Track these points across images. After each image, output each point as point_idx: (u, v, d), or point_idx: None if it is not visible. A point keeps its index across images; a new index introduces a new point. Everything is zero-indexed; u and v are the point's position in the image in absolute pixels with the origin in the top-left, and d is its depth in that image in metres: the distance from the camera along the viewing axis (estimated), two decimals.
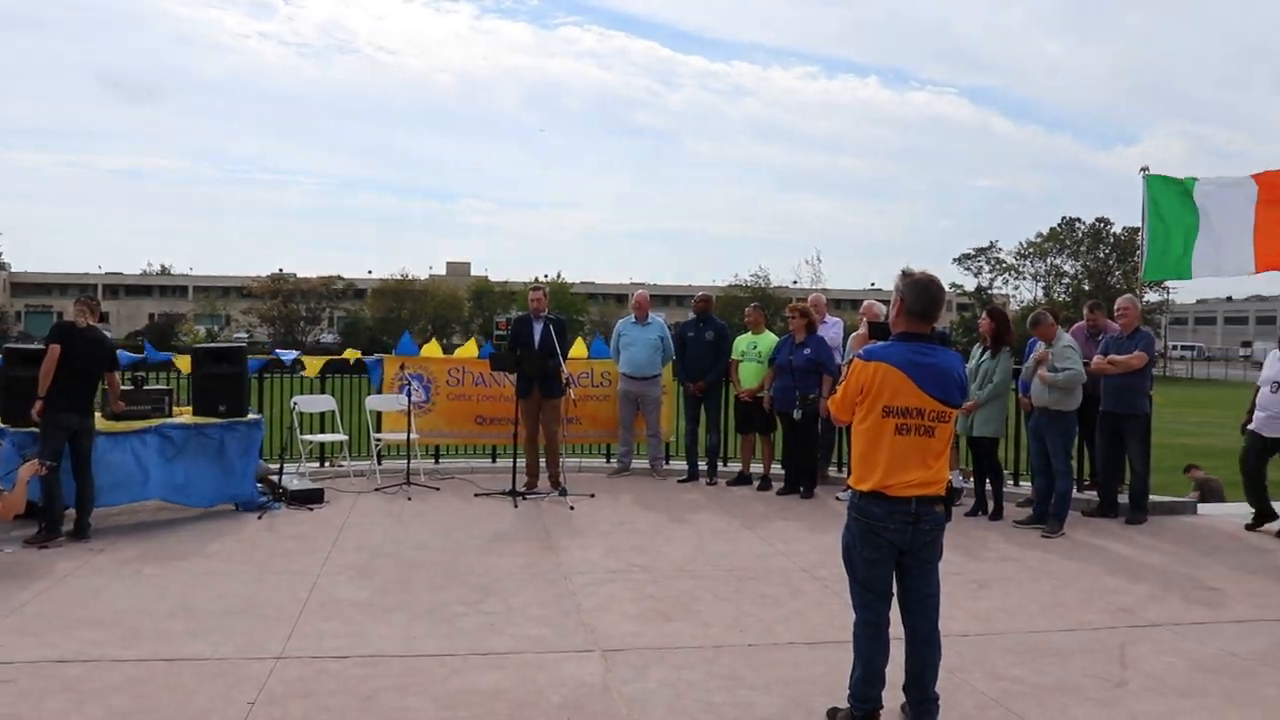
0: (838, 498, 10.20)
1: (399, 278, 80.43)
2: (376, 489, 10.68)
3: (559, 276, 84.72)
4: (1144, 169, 10.94)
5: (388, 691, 4.99)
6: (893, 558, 4.54)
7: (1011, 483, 10.81)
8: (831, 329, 11.51)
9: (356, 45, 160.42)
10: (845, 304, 70.93)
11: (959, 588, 6.97)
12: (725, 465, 12.14)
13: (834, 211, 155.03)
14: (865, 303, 10.20)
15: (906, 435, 4.44)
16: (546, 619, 6.27)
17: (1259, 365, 10.04)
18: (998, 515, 9.73)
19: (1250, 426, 9.59)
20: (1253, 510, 9.65)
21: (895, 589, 4.63)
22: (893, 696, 4.67)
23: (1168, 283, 58.24)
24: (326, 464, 12.13)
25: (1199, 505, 11.07)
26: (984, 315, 10.07)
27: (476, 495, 10.43)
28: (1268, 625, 6.51)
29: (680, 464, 12.18)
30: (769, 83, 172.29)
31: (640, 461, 12.30)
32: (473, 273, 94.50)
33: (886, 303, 5.59)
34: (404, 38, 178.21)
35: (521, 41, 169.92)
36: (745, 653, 5.72)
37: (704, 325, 11.77)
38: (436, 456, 12.64)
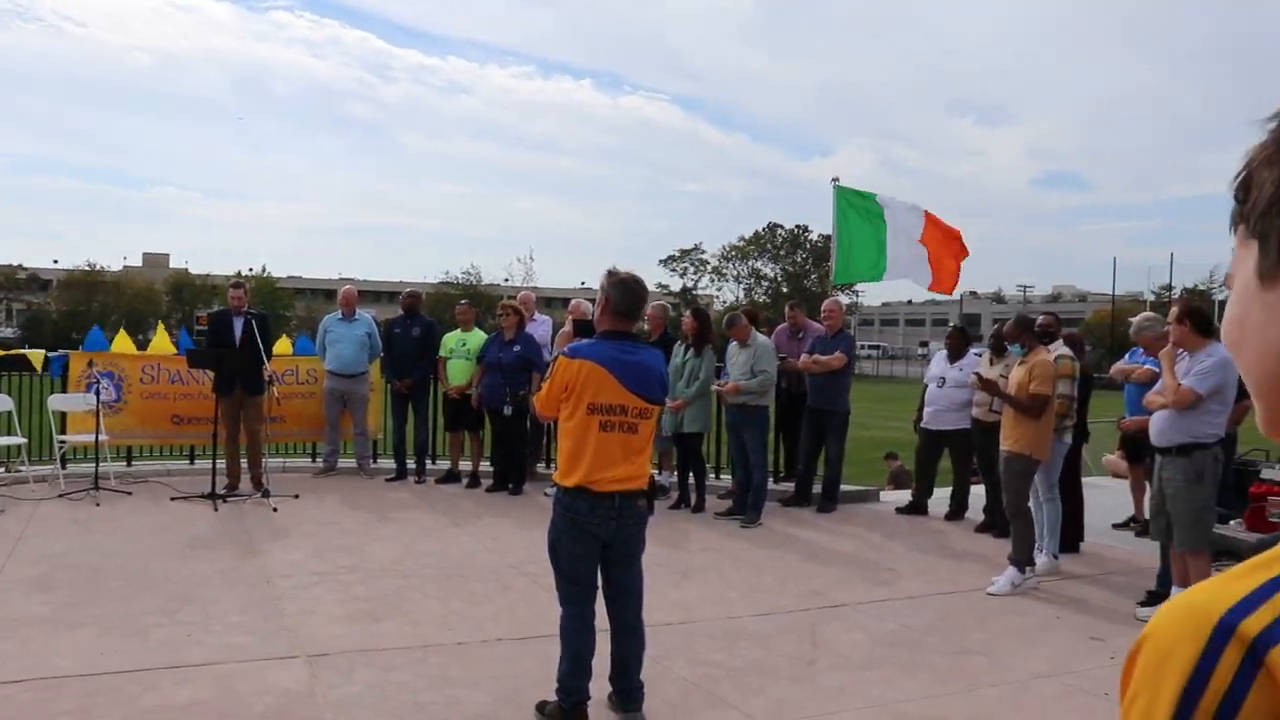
0: (546, 494, 10.25)
1: (87, 268, 74.55)
2: (60, 495, 9.84)
3: (264, 271, 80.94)
4: (835, 179, 11.67)
5: (69, 716, 4.60)
6: (598, 551, 4.62)
7: (713, 476, 11.25)
8: (540, 327, 11.59)
9: (39, 13, 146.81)
10: (557, 302, 71.65)
11: (663, 579, 7.18)
12: (434, 463, 11.99)
13: (548, 210, 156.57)
14: (573, 301, 10.33)
15: (610, 432, 4.53)
16: (248, 626, 5.99)
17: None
18: (700, 508, 10.09)
19: (922, 424, 10.37)
20: (913, 499, 10.47)
21: (600, 582, 4.72)
22: (600, 687, 4.77)
23: (857, 286, 62.30)
24: (2, 469, 11.06)
25: (882, 493, 11.90)
26: (688, 315, 10.43)
27: (173, 499, 9.81)
28: (935, 599, 7.11)
29: (388, 462, 11.94)
30: (485, 80, 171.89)
31: (347, 461, 11.96)
32: (172, 264, 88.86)
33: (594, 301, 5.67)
34: (95, 9, 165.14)
35: (226, 22, 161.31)
36: (454, 651, 5.67)
37: (411, 322, 11.58)
38: (129, 458, 11.79)
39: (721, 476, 11.34)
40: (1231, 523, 8.42)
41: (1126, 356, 9.65)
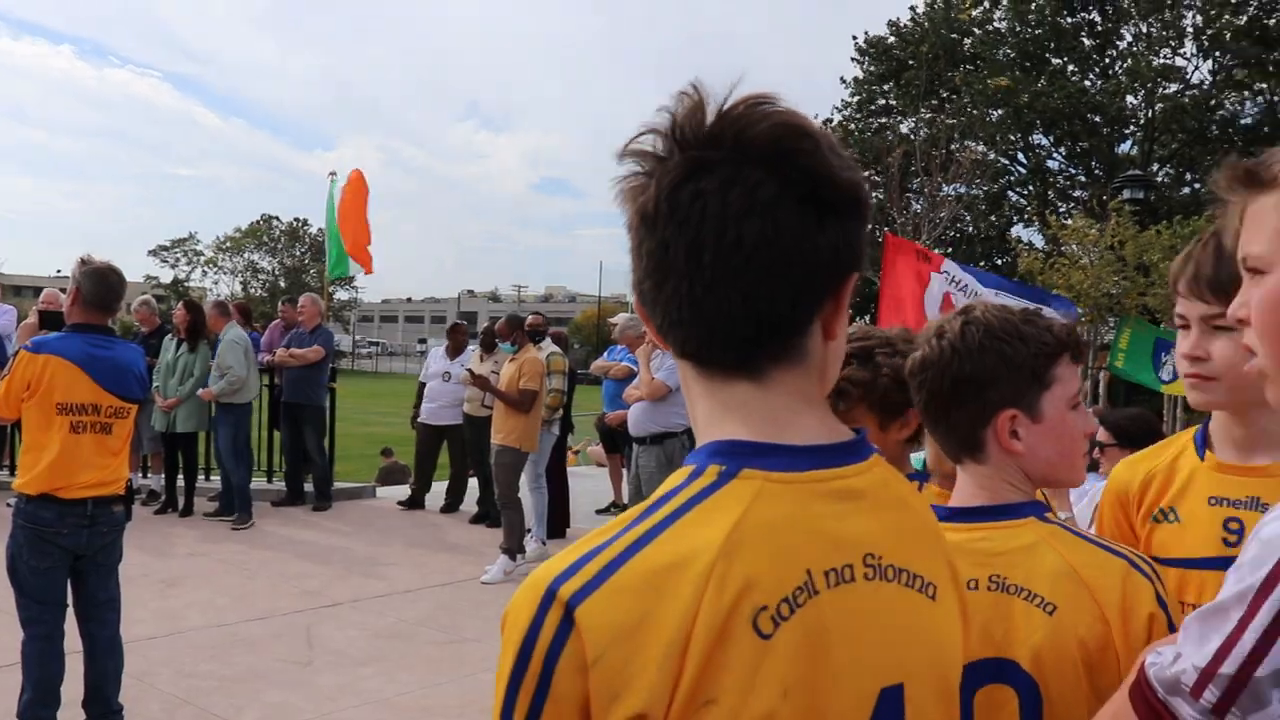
0: (8, 504, 9.18)
1: None
2: None
3: None
4: (332, 174, 11.54)
5: None
6: (67, 564, 4.25)
7: (203, 477, 10.68)
8: (3, 317, 10.37)
9: None
10: (28, 291, 64.18)
11: (146, 589, 6.73)
12: None
13: (16, 187, 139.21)
14: (45, 291, 9.36)
15: (82, 433, 4.19)
16: None
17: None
18: (189, 511, 9.54)
19: (421, 419, 10.50)
20: (411, 493, 10.63)
21: (70, 598, 4.33)
22: (71, 715, 4.35)
23: (357, 281, 61.74)
24: None
25: (379, 489, 11.92)
26: (180, 308, 9.82)
27: None
28: (431, 591, 7.29)
29: None
30: None
31: None
32: None
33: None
34: None
35: None
36: None
37: None
38: None
39: (212, 478, 10.78)
40: None
41: (606, 354, 10.44)
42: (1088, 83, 30.06)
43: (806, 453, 0.99)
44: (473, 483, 10.34)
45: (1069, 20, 30.15)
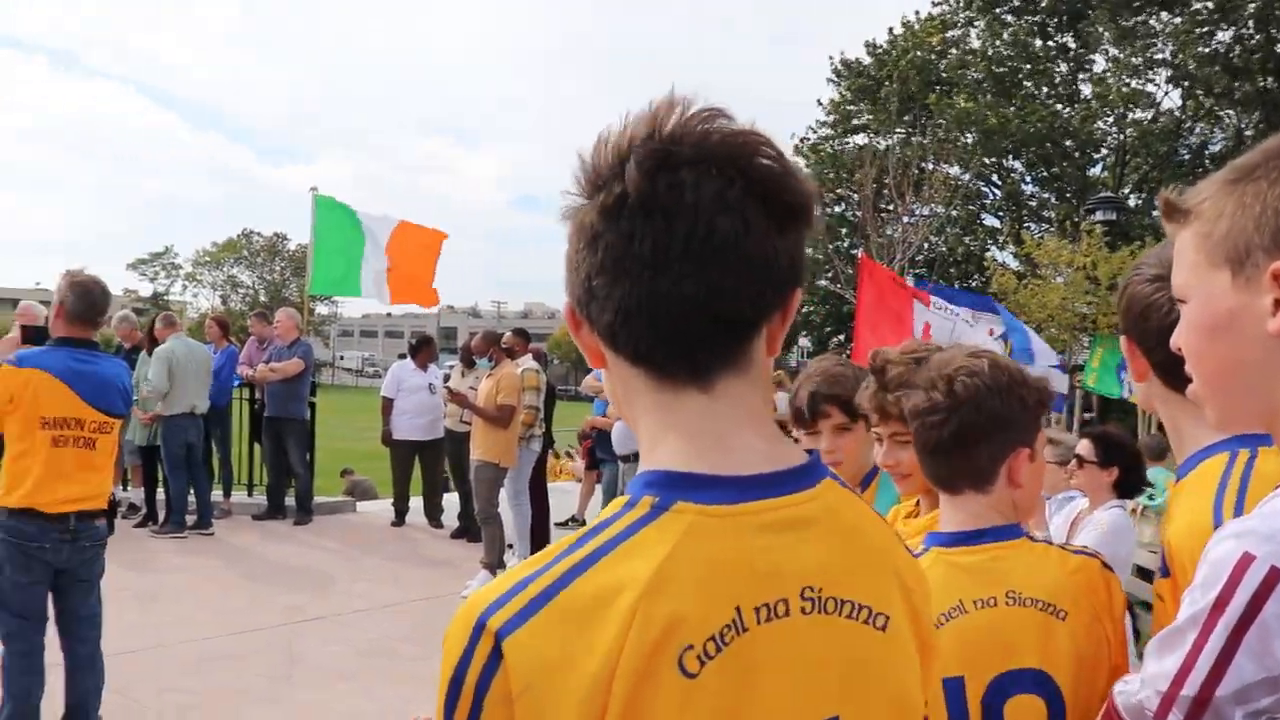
0: None
1: None
2: None
3: None
4: (314, 189, 11.54)
5: None
6: (49, 579, 4.25)
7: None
8: None
9: None
10: (6, 304, 63.59)
11: (127, 603, 6.70)
12: None
13: None
14: (23, 303, 9.32)
15: (65, 447, 4.20)
16: None
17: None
18: (171, 525, 9.50)
19: (397, 435, 10.34)
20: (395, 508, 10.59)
21: (51, 612, 4.34)
22: None
23: (336, 297, 61.49)
24: None
25: (359, 503, 11.91)
26: (161, 323, 9.81)
27: None
28: (412, 605, 7.30)
29: None
30: None
31: None
32: None
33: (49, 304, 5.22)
34: None
35: None
36: None
37: None
38: None
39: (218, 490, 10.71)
40: None
41: (595, 373, 10.49)
42: (1060, 107, 30.41)
43: (746, 484, 0.97)
44: (453, 498, 10.35)
45: (1042, 45, 30.54)
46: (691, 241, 0.92)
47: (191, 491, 9.34)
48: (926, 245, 28.28)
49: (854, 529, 1.04)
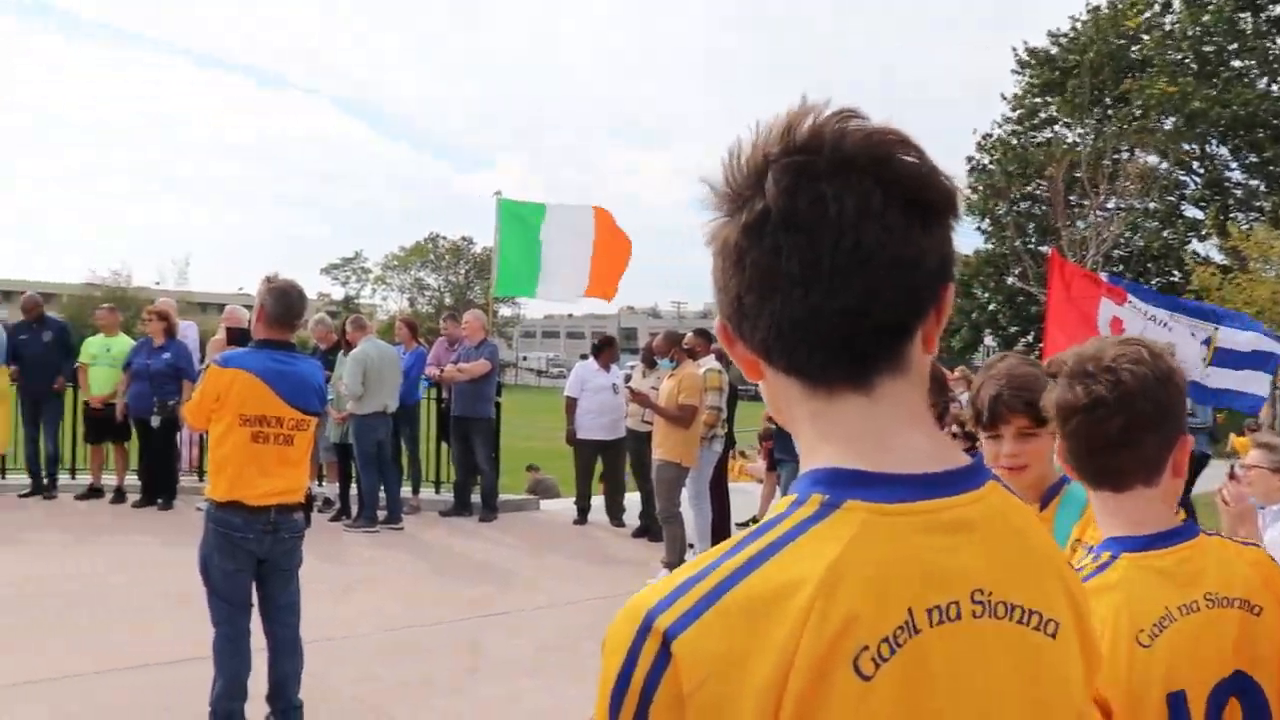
0: (198, 509, 9.73)
1: None
2: None
3: None
4: (498, 193, 11.81)
5: None
6: (252, 568, 4.48)
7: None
8: (188, 332, 11.01)
9: None
10: (212, 308, 67.72)
11: (323, 593, 6.99)
12: (74, 478, 11.06)
13: (201, 212, 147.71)
14: (228, 307, 9.89)
15: (265, 444, 4.40)
16: None
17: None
18: (363, 520, 9.90)
19: (583, 436, 10.46)
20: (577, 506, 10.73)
21: (256, 599, 4.57)
22: (256, 709, 4.59)
23: (519, 298, 62.97)
24: None
25: (542, 501, 12.14)
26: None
27: None
28: (594, 603, 7.36)
29: (18, 477, 10.87)
30: (130, 67, 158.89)
31: None
32: None
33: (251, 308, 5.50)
34: None
35: None
36: (96, 681, 5.30)
37: (40, 326, 10.65)
38: None
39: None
40: None
41: None
42: (1274, 87, 28.43)
43: (914, 482, 0.95)
44: (634, 497, 10.43)
45: (1249, 20, 28.61)
46: (839, 255, 0.91)
47: (382, 488, 9.73)
48: (1122, 240, 26.97)
49: (1020, 532, 1.01)
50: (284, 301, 4.55)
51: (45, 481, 10.62)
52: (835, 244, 0.91)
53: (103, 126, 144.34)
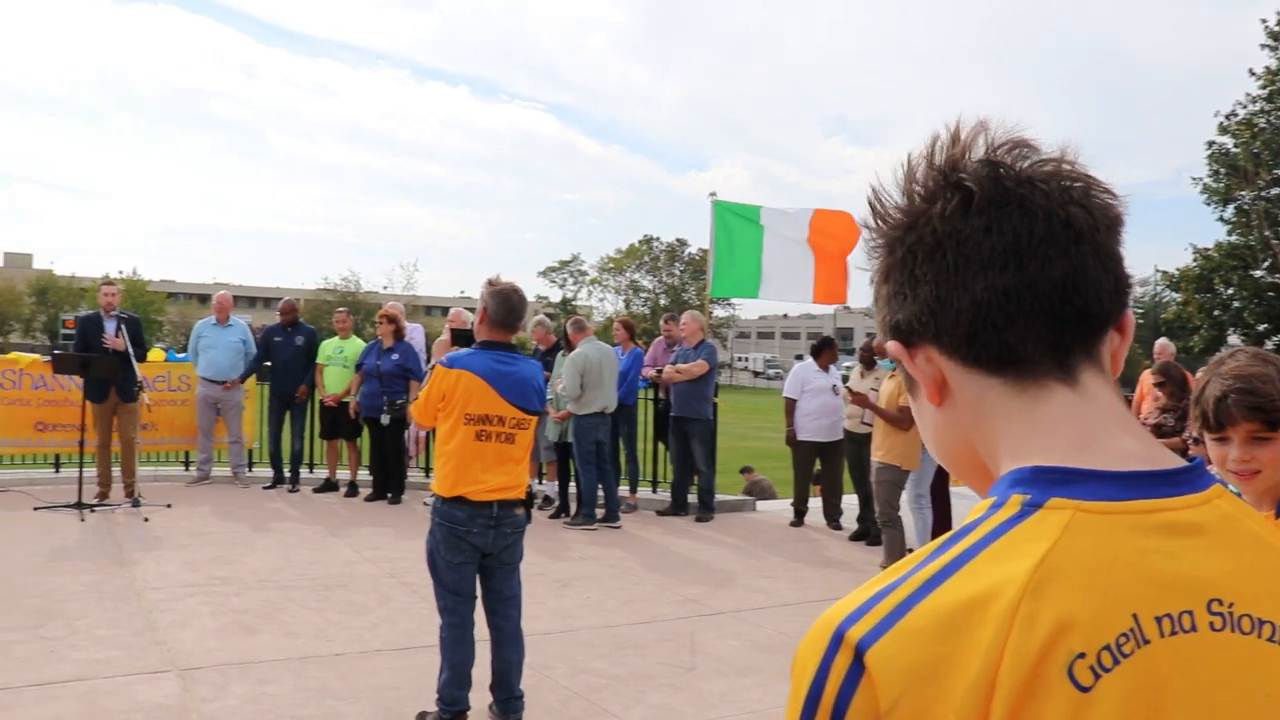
0: (424, 503, 10.19)
1: None
2: None
3: (135, 273, 77.89)
4: (713, 194, 11.87)
5: None
6: (476, 561, 4.64)
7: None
8: (415, 333, 11.54)
9: None
10: (436, 311, 70.91)
11: (543, 587, 7.20)
12: (311, 472, 11.79)
13: (425, 218, 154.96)
14: (453, 310, 10.31)
15: (487, 441, 4.55)
16: (116, 640, 5.81)
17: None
18: (581, 518, 10.12)
19: (803, 438, 10.34)
20: (794, 508, 10.64)
21: (480, 591, 4.73)
22: (480, 697, 4.76)
23: (733, 300, 63.10)
24: None
25: (758, 503, 12.10)
26: (571, 325, 10.50)
27: (36, 509, 9.43)
28: (811, 606, 7.28)
29: (263, 471, 11.68)
30: (357, 84, 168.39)
31: (221, 469, 11.68)
32: (35, 265, 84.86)
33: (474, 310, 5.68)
34: None
35: (86, 11, 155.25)
36: (333, 662, 5.60)
37: (293, 330, 11.39)
38: None
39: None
40: None
41: None
42: None
43: (1126, 479, 0.87)
44: (852, 499, 10.26)
45: None
46: (1053, 225, 0.90)
47: (601, 487, 9.92)
48: None
49: (1258, 540, 0.90)
50: (506, 304, 4.70)
51: (288, 475, 11.35)
52: (1049, 217, 0.90)
53: (315, 134, 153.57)
